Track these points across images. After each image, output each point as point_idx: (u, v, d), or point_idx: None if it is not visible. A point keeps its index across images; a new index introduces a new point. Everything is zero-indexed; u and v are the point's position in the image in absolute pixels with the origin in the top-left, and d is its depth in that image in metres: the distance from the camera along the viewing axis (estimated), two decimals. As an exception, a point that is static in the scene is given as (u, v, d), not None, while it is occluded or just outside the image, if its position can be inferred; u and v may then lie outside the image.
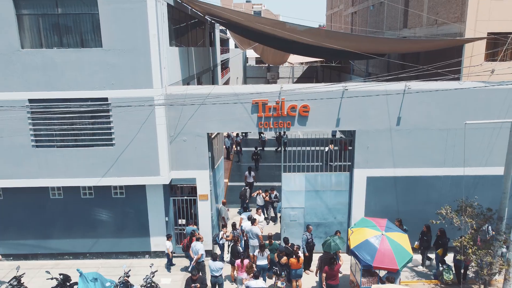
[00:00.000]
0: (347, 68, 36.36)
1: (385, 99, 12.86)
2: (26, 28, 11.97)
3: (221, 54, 35.81)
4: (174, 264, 14.03)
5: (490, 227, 12.46)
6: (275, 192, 17.17)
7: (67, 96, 12.30)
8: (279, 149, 27.04)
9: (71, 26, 11.99)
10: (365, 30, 33.77)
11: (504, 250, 11.52)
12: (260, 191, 17.06)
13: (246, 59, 55.01)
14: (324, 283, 11.27)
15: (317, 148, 13.98)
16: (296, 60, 40.20)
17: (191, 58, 17.75)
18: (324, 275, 11.27)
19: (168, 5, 13.60)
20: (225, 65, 43.62)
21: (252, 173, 19.86)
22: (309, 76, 52.58)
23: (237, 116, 13.09)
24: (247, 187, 17.81)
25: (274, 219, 17.54)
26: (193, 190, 14.31)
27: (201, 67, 20.72)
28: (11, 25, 11.75)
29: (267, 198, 16.84)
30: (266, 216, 17.40)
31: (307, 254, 13.27)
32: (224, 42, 43.35)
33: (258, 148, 24.50)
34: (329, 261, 11.31)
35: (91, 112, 12.51)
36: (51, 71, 12.11)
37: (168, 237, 13.62)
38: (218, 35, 29.91)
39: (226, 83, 49.11)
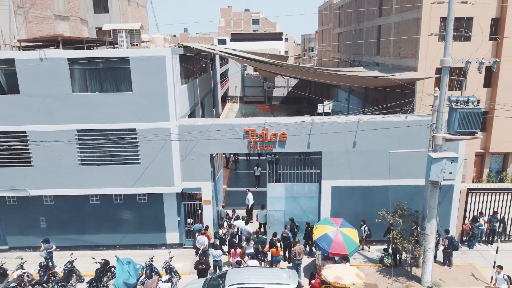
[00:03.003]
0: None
1: (343, 129, 17.02)
2: (76, 78, 16.18)
3: (220, 67, 39.79)
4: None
5: (366, 227, 17.11)
6: (236, 214, 19.02)
7: (106, 127, 16.52)
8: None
9: (110, 76, 16.20)
10: (348, 50, 37.94)
11: (427, 241, 15.70)
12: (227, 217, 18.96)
13: (244, 67, 58.51)
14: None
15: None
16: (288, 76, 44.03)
17: (196, 88, 21.97)
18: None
19: (180, 55, 17.79)
20: (224, 75, 47.41)
21: (260, 168, 24.66)
22: (303, 85, 56.22)
23: (232, 141, 17.26)
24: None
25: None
26: (198, 196, 18.50)
27: (203, 92, 24.95)
28: (66, 76, 15.96)
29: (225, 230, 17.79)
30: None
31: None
32: (224, 56, 47.03)
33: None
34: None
35: (123, 139, 16.70)
36: (94, 109, 16.32)
37: (199, 231, 17.20)
38: (218, 57, 33.99)
39: (226, 92, 53.02)
